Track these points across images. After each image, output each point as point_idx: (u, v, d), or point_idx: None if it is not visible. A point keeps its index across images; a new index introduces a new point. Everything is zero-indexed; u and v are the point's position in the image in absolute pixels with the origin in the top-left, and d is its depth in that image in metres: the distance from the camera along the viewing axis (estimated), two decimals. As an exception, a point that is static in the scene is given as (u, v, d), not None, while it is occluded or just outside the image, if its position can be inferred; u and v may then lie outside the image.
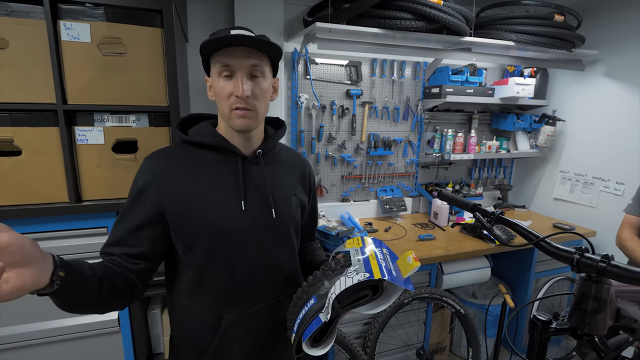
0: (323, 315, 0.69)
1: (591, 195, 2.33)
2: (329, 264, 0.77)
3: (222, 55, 0.79)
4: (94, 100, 1.23)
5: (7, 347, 1.30)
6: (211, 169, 0.86)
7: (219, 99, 0.83)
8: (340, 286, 0.69)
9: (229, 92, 0.80)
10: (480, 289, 2.34)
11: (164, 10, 1.23)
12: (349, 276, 0.70)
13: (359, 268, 0.72)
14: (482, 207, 0.92)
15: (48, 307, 1.32)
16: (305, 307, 0.74)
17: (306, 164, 1.05)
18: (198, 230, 0.81)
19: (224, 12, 1.92)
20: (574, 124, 2.43)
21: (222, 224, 0.82)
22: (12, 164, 1.20)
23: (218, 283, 0.85)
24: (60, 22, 1.15)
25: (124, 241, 0.80)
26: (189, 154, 0.86)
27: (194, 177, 0.83)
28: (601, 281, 0.68)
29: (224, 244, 0.83)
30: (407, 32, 1.76)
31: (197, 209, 0.81)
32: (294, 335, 0.74)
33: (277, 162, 0.96)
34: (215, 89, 0.83)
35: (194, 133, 0.90)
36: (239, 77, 0.80)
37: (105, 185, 1.31)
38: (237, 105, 0.81)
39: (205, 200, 0.82)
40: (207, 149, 0.87)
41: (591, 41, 2.23)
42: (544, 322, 0.77)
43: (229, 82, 0.80)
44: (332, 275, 0.75)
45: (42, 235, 1.28)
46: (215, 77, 0.82)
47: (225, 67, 0.80)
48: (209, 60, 0.83)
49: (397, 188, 2.48)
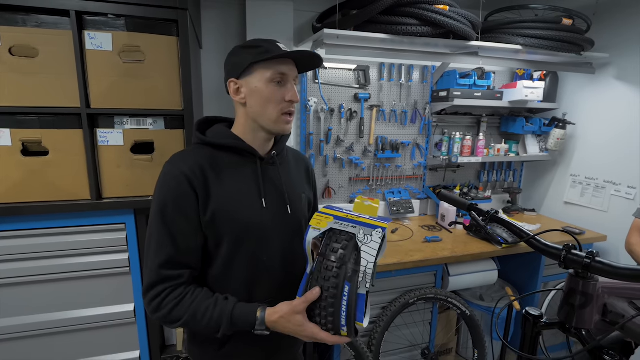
0: (363, 289, 0.74)
1: (602, 199, 2.31)
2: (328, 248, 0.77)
3: (278, 64, 0.87)
4: (114, 104, 1.32)
5: (31, 334, 1.40)
6: (232, 169, 0.91)
7: (268, 103, 0.88)
8: (370, 254, 0.73)
9: (281, 97, 0.88)
10: (487, 292, 2.34)
11: (179, 20, 1.31)
12: (367, 242, 0.74)
13: (365, 231, 0.75)
14: (478, 206, 0.96)
15: (68, 298, 1.41)
16: (343, 297, 0.74)
17: (308, 162, 1.13)
18: (227, 227, 0.87)
19: (236, 19, 2.00)
20: (585, 127, 2.42)
21: (248, 220, 0.89)
22: (41, 164, 1.30)
23: (242, 276, 0.90)
24: (85, 32, 1.25)
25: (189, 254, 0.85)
26: (209, 155, 0.91)
27: (219, 177, 0.89)
28: (587, 277, 0.70)
29: (249, 239, 0.89)
30: (413, 37, 1.81)
31: (225, 207, 0.87)
32: (346, 327, 0.76)
33: (286, 162, 1.03)
34: (265, 93, 0.88)
35: (211, 135, 0.95)
36: (290, 85, 0.89)
37: (124, 184, 1.39)
38: (289, 109, 0.90)
39: (232, 198, 0.88)
40: (226, 150, 0.92)
41: (602, 44, 2.22)
42: (535, 317, 0.80)
43: (280, 88, 0.88)
44: (348, 254, 0.75)
45: (66, 230, 1.37)
46: (263, 82, 0.87)
47: (281, 75, 0.88)
48: (251, 66, 0.87)
49: (405, 190, 2.51)
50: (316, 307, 0.78)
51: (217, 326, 0.81)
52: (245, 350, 0.94)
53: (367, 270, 0.73)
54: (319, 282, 0.77)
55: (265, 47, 0.86)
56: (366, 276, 0.74)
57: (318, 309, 0.78)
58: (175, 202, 0.83)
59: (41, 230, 1.35)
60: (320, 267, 0.78)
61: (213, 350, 0.93)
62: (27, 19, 1.21)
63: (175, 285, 0.83)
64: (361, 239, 0.75)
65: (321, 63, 0.94)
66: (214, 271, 0.90)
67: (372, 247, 0.73)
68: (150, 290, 0.82)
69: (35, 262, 1.36)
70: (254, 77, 0.88)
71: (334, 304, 0.75)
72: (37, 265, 1.36)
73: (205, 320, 0.81)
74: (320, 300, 0.77)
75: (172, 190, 0.84)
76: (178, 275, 0.83)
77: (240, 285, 0.91)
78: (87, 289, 1.44)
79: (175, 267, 0.83)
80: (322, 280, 0.76)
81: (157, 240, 0.83)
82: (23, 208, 1.30)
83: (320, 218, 0.80)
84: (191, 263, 0.86)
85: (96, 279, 1.44)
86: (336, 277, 0.75)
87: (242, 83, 0.90)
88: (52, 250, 1.37)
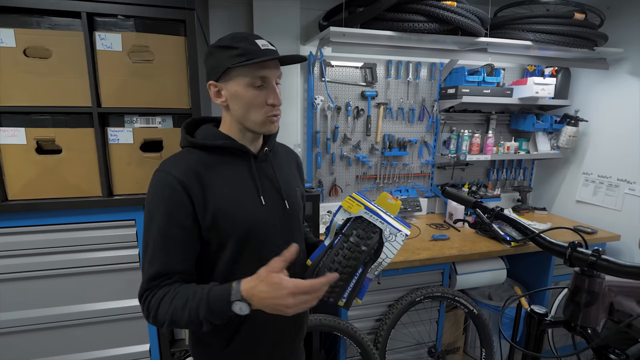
0: (370, 274, 0.87)
1: (616, 198, 2.26)
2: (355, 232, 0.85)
3: (257, 68, 0.83)
4: (124, 103, 1.35)
5: (45, 326, 1.45)
6: (228, 170, 0.89)
7: (250, 107, 0.86)
8: (392, 251, 0.84)
9: (263, 100, 0.86)
10: (496, 291, 2.32)
11: (187, 20, 1.33)
12: (391, 240, 0.84)
13: (391, 230, 0.84)
14: (483, 203, 0.95)
15: (80, 292, 1.45)
16: (354, 276, 0.85)
17: (296, 155, 1.14)
18: (229, 228, 0.86)
19: (243, 18, 2.01)
20: (597, 124, 2.37)
21: (250, 219, 0.88)
22: (54, 162, 1.34)
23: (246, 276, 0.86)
24: (96, 33, 1.28)
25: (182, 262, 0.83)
26: (200, 157, 0.88)
27: (215, 179, 0.87)
28: (593, 275, 0.70)
29: (253, 239, 0.89)
30: (421, 34, 1.79)
31: (226, 209, 0.86)
32: (346, 299, 0.87)
33: (277, 158, 1.03)
34: (245, 98, 0.85)
35: (201, 137, 0.92)
36: (271, 87, 0.86)
37: (134, 181, 1.43)
38: (273, 112, 0.88)
39: (231, 199, 0.87)
40: (217, 151, 0.90)
41: (616, 39, 2.16)
42: (540, 315, 0.79)
43: (261, 92, 0.85)
44: (370, 243, 0.84)
45: (78, 225, 1.41)
46: (242, 87, 0.84)
47: (262, 79, 0.84)
48: (228, 70, 0.84)
49: (412, 188, 2.50)
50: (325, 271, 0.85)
51: (197, 315, 0.75)
52: (248, 346, 0.94)
53: (383, 263, 0.85)
54: (338, 257, 0.85)
55: (242, 48, 0.82)
56: (379, 266, 0.85)
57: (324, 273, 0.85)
58: (170, 212, 0.81)
59: (55, 226, 1.39)
60: (342, 244, 0.86)
61: (216, 350, 0.93)
62: (40, 21, 1.25)
63: (161, 286, 0.81)
64: (387, 235, 0.84)
65: (304, 59, 0.92)
66: (216, 275, 0.88)
67: (395, 246, 0.84)
68: (141, 298, 0.82)
69: (50, 257, 1.40)
70: (233, 81, 0.85)
71: (345, 279, 0.85)
72: (51, 259, 1.40)
73: (186, 313, 0.76)
74: (336, 271, 0.84)
75: (165, 199, 0.82)
76: (167, 282, 0.81)
77: None
78: (98, 283, 1.47)
79: (165, 278, 0.81)
80: (341, 256, 0.85)
81: (151, 250, 0.82)
82: (38, 204, 1.34)
83: (351, 203, 0.87)
84: (183, 270, 0.84)
85: (107, 274, 1.47)
86: (355, 259, 0.84)
87: (222, 86, 0.87)
88: (65, 245, 1.41)
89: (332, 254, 0.86)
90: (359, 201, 0.87)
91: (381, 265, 0.85)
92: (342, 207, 0.87)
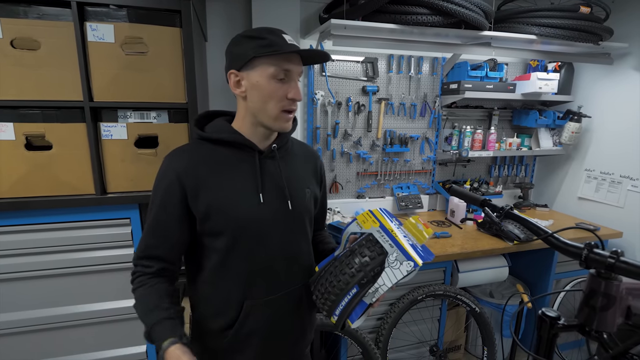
0: (368, 299, 0.79)
1: (618, 195, 2.23)
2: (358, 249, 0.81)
3: (283, 60, 0.83)
4: (117, 97, 1.30)
5: (37, 329, 1.41)
6: (230, 164, 0.89)
7: (268, 99, 0.85)
8: (390, 279, 0.76)
9: (283, 94, 0.85)
10: (498, 288, 2.29)
11: (182, 11, 1.28)
12: (394, 267, 0.76)
13: (398, 256, 0.76)
14: (491, 202, 0.92)
15: (74, 293, 1.41)
16: (348, 295, 0.80)
17: (317, 157, 1.08)
18: (223, 223, 0.86)
19: (242, 11, 1.96)
20: (601, 120, 2.33)
21: (244, 216, 0.87)
22: (45, 158, 1.29)
23: (239, 272, 0.89)
24: (87, 23, 1.22)
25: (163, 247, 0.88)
26: (207, 150, 0.89)
27: (214, 173, 0.87)
28: (610, 277, 0.66)
29: (246, 236, 0.88)
30: (424, 27, 1.75)
31: (220, 203, 0.86)
32: (337, 317, 0.82)
33: (290, 156, 0.99)
34: (266, 89, 0.84)
35: (210, 130, 0.93)
36: (293, 82, 0.86)
37: (128, 178, 1.38)
38: (290, 107, 0.87)
39: (227, 194, 0.87)
40: (224, 145, 0.90)
41: (621, 33, 2.13)
42: (552, 318, 0.76)
43: (282, 85, 0.84)
44: (371, 264, 0.79)
45: (70, 224, 1.37)
46: (265, 78, 0.83)
47: (285, 72, 0.84)
48: (253, 60, 0.83)
49: (414, 185, 2.46)
50: (324, 284, 0.84)
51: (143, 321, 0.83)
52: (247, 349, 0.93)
53: (379, 289, 0.77)
54: (336, 271, 0.83)
55: (270, 39, 0.82)
56: (376, 292, 0.78)
57: (324, 286, 0.84)
58: (162, 197, 0.86)
59: (46, 225, 1.34)
60: (344, 259, 0.83)
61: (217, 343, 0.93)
62: (28, 11, 1.19)
63: (143, 272, 0.87)
64: (391, 261, 0.77)
65: (329, 58, 0.91)
66: (211, 264, 0.90)
67: (396, 274, 0.76)
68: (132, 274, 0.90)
69: (41, 257, 1.36)
70: (256, 72, 0.84)
71: (338, 294, 0.81)
72: (42, 260, 1.36)
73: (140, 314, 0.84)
74: (329, 283, 0.83)
75: (161, 184, 0.87)
76: (148, 265, 0.87)
77: (236, 280, 0.89)
78: (92, 284, 1.43)
79: (149, 256, 0.88)
80: (339, 271, 0.82)
81: (144, 233, 0.89)
82: (28, 202, 1.29)
83: (367, 218, 0.83)
84: (162, 256, 0.88)
85: (101, 274, 1.43)
86: (351, 276, 0.80)
87: (243, 76, 0.86)
88: (57, 245, 1.36)
89: (334, 266, 0.85)
90: (376, 217, 0.82)
91: (377, 292, 0.78)
92: (356, 219, 0.84)
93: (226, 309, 0.91)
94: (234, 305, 0.90)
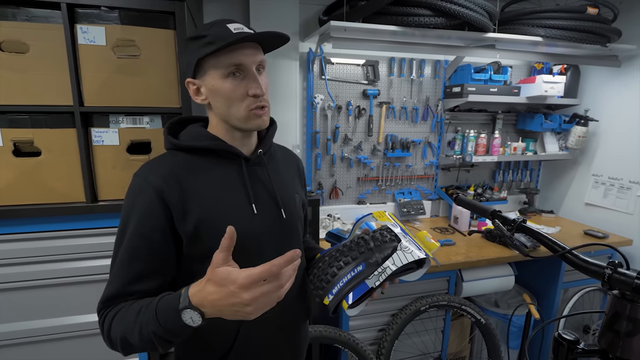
0: (371, 282, 0.75)
1: (627, 201, 2.17)
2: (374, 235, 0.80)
3: (229, 55, 0.73)
4: (109, 102, 1.25)
5: (26, 341, 1.35)
6: (213, 174, 0.79)
7: (230, 102, 0.76)
8: (400, 260, 0.75)
9: (244, 91, 0.75)
10: (503, 297, 2.23)
11: (176, 12, 1.23)
12: (407, 251, 0.76)
13: (410, 245, 0.78)
14: (502, 213, 0.86)
15: (65, 303, 1.36)
16: (352, 271, 0.77)
17: (298, 160, 1.03)
18: (215, 241, 0.71)
19: (239, 13, 1.92)
20: (608, 124, 2.27)
21: (240, 231, 0.70)
22: (33, 165, 1.24)
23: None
24: (77, 25, 1.18)
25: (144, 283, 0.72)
26: (185, 161, 0.78)
27: (200, 185, 0.77)
28: (637, 300, 0.60)
29: (241, 252, 0.73)
30: (426, 29, 1.70)
31: (211, 219, 0.75)
32: (333, 296, 0.76)
33: (274, 161, 0.92)
34: (223, 91, 0.75)
35: (186, 138, 0.83)
36: (250, 76, 0.75)
37: (120, 186, 1.33)
38: (256, 104, 0.76)
39: (217, 208, 0.77)
40: (204, 154, 0.80)
41: (629, 35, 2.07)
42: (570, 342, 0.70)
43: (240, 82, 0.75)
44: (383, 247, 0.78)
45: (60, 233, 1.31)
46: (218, 79, 0.75)
47: (237, 68, 0.74)
48: (201, 61, 0.75)
49: (416, 191, 2.40)
50: (324, 265, 0.81)
51: (147, 330, 0.63)
52: None
53: (386, 270, 0.75)
54: (345, 249, 0.80)
55: (211, 35, 0.72)
56: (381, 275, 0.75)
57: (326, 264, 0.81)
58: (138, 222, 0.72)
59: (35, 234, 1.29)
60: (354, 240, 0.81)
61: None
62: (17, 13, 1.15)
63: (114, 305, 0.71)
64: (403, 246, 0.77)
65: (287, 39, 0.78)
66: None
67: (407, 257, 0.75)
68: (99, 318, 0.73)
69: (30, 266, 1.31)
70: (208, 75, 0.75)
71: (339, 271, 0.78)
72: (31, 270, 1.31)
73: (137, 328, 0.64)
74: (332, 263, 0.79)
75: (135, 205, 0.72)
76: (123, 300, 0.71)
77: None
78: (84, 294, 1.37)
79: (122, 300, 0.71)
80: (347, 249, 0.80)
81: (116, 267, 0.73)
82: (15, 211, 1.24)
83: (382, 214, 0.86)
84: (145, 290, 0.72)
85: (93, 284, 1.37)
86: (360, 253, 0.78)
87: (200, 83, 0.78)
88: (46, 254, 1.31)
89: (339, 251, 0.82)
90: (391, 217, 0.85)
91: (382, 273, 0.74)
92: (372, 214, 0.86)
93: (216, 341, 0.81)
94: (227, 336, 0.81)
